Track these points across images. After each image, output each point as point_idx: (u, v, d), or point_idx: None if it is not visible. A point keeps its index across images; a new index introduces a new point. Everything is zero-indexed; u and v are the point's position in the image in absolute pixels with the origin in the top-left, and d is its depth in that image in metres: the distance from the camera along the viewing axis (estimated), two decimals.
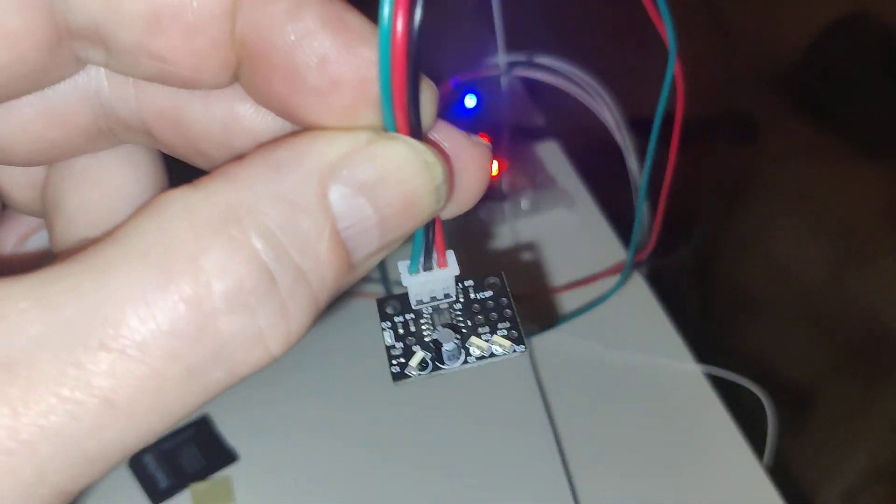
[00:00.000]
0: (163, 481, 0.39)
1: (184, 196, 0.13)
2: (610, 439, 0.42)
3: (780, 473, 0.43)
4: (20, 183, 0.18)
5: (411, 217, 0.14)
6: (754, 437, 0.44)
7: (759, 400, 0.45)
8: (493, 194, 0.50)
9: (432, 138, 0.15)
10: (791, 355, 0.50)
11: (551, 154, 0.56)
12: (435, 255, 0.17)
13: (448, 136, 0.15)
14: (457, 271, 0.17)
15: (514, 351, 0.17)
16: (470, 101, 0.51)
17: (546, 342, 0.45)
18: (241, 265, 0.12)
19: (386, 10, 0.12)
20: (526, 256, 0.50)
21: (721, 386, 0.45)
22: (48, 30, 0.14)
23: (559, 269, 0.49)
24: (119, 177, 0.17)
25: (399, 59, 0.12)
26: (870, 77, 0.41)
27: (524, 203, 0.51)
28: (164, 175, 0.18)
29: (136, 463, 0.40)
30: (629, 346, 0.46)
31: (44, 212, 0.17)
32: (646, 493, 0.41)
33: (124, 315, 0.12)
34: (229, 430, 0.41)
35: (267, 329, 0.13)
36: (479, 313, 0.18)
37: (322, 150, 0.13)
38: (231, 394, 0.44)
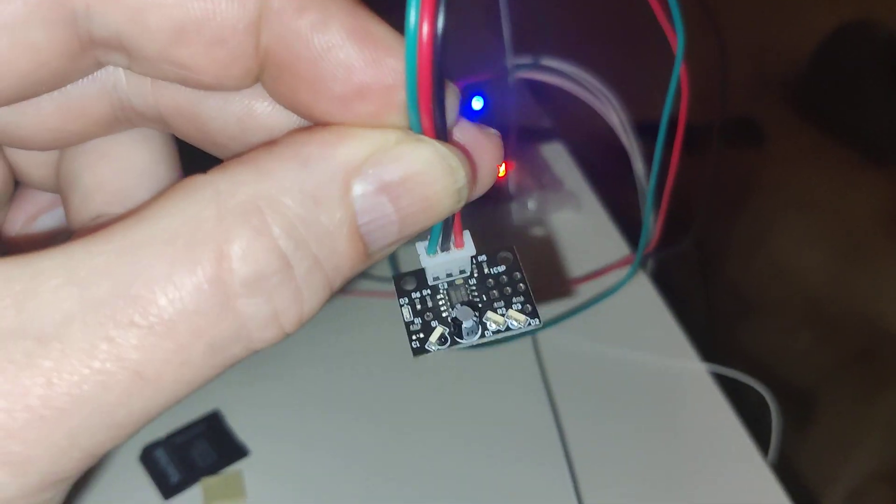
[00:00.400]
0: (174, 476, 0.40)
1: (213, 182, 0.13)
2: (615, 436, 0.43)
3: (784, 472, 0.43)
4: (36, 161, 0.18)
5: (431, 216, 0.15)
6: (758, 435, 0.44)
7: (763, 398, 0.46)
8: (500, 195, 0.51)
9: (454, 132, 0.15)
10: (794, 357, 0.50)
11: (557, 156, 0.56)
12: (452, 237, 0.17)
13: (462, 129, 0.16)
14: (473, 251, 0.18)
15: (529, 324, 0.18)
16: (477, 104, 0.52)
17: (552, 339, 0.46)
18: (262, 253, 0.13)
19: (412, 18, 0.13)
20: (532, 256, 0.50)
21: (725, 384, 0.46)
22: (71, 41, 0.14)
23: (565, 269, 0.49)
24: (133, 154, 0.17)
25: (425, 64, 0.13)
26: (874, 83, 0.42)
27: (531, 204, 0.51)
28: (176, 151, 0.18)
29: (148, 458, 0.40)
30: (635, 344, 0.46)
31: (59, 188, 0.18)
32: (651, 489, 0.41)
33: (154, 295, 0.12)
34: (240, 425, 0.42)
35: (282, 311, 0.14)
36: (493, 288, 0.18)
37: (349, 151, 0.14)
38: (242, 389, 0.45)
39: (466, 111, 0.52)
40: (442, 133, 0.14)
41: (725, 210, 0.53)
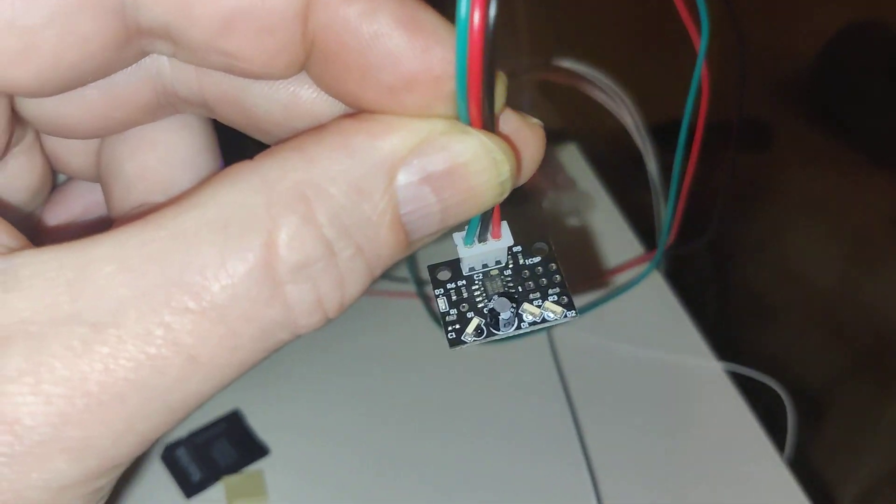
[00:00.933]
0: (196, 474, 0.40)
1: (261, 169, 0.14)
2: (632, 433, 0.43)
3: (800, 469, 0.43)
4: (76, 150, 0.18)
5: (473, 207, 0.15)
6: (774, 433, 0.44)
7: (778, 396, 0.46)
8: (513, 195, 0.51)
9: (500, 122, 0.15)
10: (806, 357, 0.50)
11: (571, 156, 0.57)
12: (490, 228, 0.17)
13: (507, 119, 0.15)
14: (510, 242, 0.18)
15: (566, 316, 0.18)
16: None
17: (568, 336, 0.46)
18: (308, 241, 0.13)
19: (463, 6, 0.12)
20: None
21: (740, 382, 0.46)
22: (118, 31, 0.14)
23: (579, 268, 0.50)
24: (174, 142, 0.17)
25: (476, 53, 0.13)
26: (881, 84, 0.42)
27: (545, 204, 0.51)
28: (216, 140, 0.18)
29: (170, 457, 0.41)
30: (650, 341, 0.46)
31: (100, 177, 0.18)
32: (668, 486, 0.41)
33: (207, 281, 0.13)
34: (260, 425, 0.42)
35: (325, 297, 0.14)
36: (528, 279, 0.18)
37: (395, 142, 0.14)
38: (261, 389, 0.45)
39: None
40: (489, 124, 0.14)
41: (738, 211, 0.53)
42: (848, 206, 0.46)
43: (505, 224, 0.18)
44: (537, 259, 0.19)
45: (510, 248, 0.18)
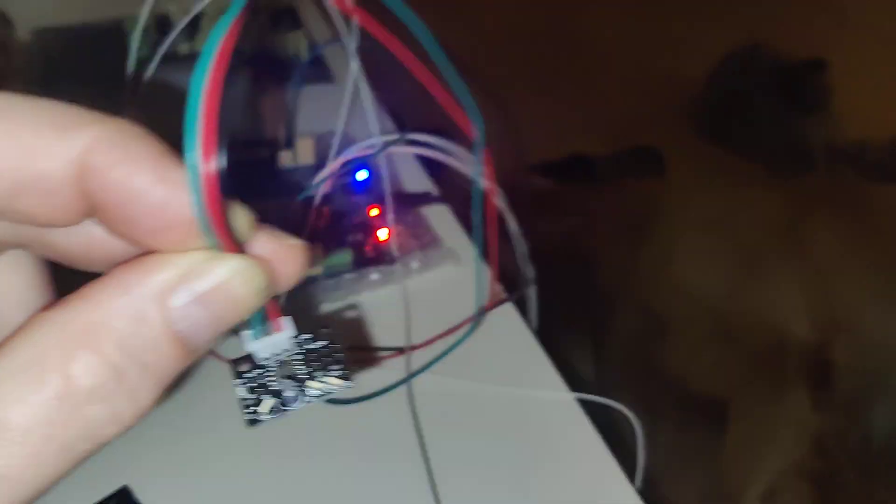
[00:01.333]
0: None
1: (57, 317, 0.17)
2: (482, 470, 0.46)
3: (651, 494, 0.46)
4: None
5: (238, 314, 0.19)
6: (626, 461, 0.48)
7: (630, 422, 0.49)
8: (384, 258, 0.56)
9: (257, 245, 0.19)
10: (704, 372, 0.53)
11: (442, 217, 0.61)
12: (270, 323, 0.21)
13: (269, 240, 0.20)
14: (293, 332, 0.22)
15: (346, 386, 0.22)
16: (361, 175, 0.57)
17: (425, 384, 0.50)
18: (98, 369, 0.17)
19: (192, 160, 0.16)
20: (405, 312, 0.54)
21: (598, 412, 0.50)
22: None
23: (439, 321, 0.53)
24: (5, 280, 0.21)
25: (212, 197, 0.17)
26: (763, 103, 0.45)
27: (414, 263, 0.56)
28: (47, 270, 0.22)
29: None
30: (503, 379, 0.50)
31: None
32: None
33: (10, 416, 0.16)
34: (148, 498, 0.44)
35: (120, 411, 0.17)
36: (314, 360, 0.22)
37: (163, 276, 0.18)
38: (148, 462, 0.47)
39: (353, 183, 0.58)
40: (240, 248, 0.18)
41: (629, 241, 0.57)
42: (735, 220, 0.48)
43: (288, 318, 0.22)
44: (323, 342, 0.23)
45: (297, 337, 0.22)
